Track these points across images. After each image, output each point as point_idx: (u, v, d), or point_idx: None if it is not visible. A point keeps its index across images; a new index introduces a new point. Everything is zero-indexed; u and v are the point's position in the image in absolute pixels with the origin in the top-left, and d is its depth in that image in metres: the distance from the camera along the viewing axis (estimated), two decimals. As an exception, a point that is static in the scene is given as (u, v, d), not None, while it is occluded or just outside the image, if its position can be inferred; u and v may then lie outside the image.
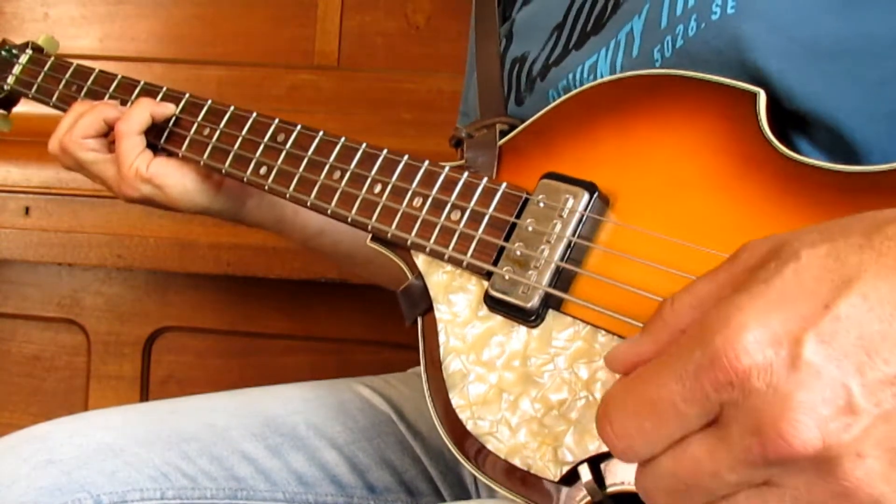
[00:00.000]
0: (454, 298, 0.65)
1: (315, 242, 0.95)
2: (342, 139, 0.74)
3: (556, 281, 0.60)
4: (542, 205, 0.62)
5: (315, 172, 0.74)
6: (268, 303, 1.46)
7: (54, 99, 0.95)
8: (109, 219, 1.30)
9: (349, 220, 0.71)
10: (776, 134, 0.55)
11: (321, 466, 0.85)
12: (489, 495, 0.61)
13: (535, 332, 0.60)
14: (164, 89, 0.88)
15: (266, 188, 0.78)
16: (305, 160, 0.75)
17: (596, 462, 0.55)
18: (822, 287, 0.35)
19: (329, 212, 0.73)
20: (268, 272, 1.29)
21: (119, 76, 0.92)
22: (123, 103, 0.89)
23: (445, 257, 0.65)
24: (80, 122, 0.87)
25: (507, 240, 0.63)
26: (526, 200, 0.63)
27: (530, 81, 0.76)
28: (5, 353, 1.50)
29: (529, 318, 0.60)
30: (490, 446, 0.60)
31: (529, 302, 0.60)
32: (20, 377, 1.50)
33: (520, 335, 0.61)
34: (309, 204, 0.74)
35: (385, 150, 0.71)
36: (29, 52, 1.00)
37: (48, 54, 1.00)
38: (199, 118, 0.85)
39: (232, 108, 0.83)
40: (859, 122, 0.55)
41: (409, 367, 1.00)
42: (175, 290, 1.47)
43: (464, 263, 0.64)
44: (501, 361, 0.61)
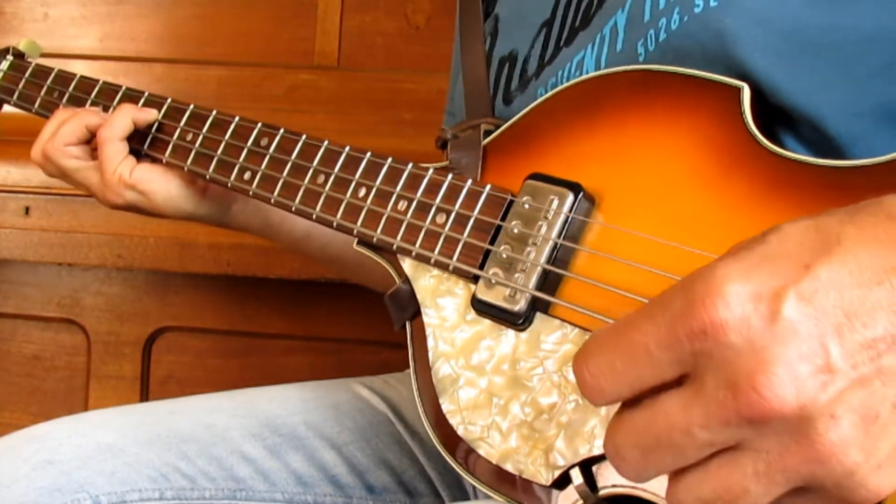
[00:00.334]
0: (442, 302, 0.65)
1: (303, 246, 0.95)
2: (325, 142, 0.74)
3: (543, 283, 0.59)
4: (527, 206, 0.61)
5: (299, 177, 0.74)
6: (268, 303, 1.46)
7: (36, 106, 0.94)
8: (109, 219, 1.30)
9: (334, 224, 0.71)
10: (761, 129, 0.55)
11: (320, 467, 0.85)
12: (487, 497, 0.61)
13: (523, 335, 0.60)
14: (146, 94, 0.88)
15: (250, 193, 0.77)
16: (289, 164, 0.75)
17: (588, 465, 0.54)
18: (804, 249, 0.35)
19: (314, 216, 0.72)
20: (268, 272, 1.29)
21: (101, 81, 0.91)
22: (106, 109, 0.89)
23: (431, 261, 0.65)
24: (62, 130, 0.86)
25: (492, 242, 0.62)
26: (511, 202, 0.63)
27: (524, 81, 0.76)
28: (5, 353, 1.50)
29: (517, 321, 0.60)
30: (481, 451, 0.59)
31: (517, 305, 0.60)
32: (20, 377, 1.50)
33: (508, 339, 0.61)
34: (294, 209, 0.74)
35: (368, 153, 0.71)
36: (10, 58, 0.99)
37: (30, 60, 0.99)
38: (182, 123, 0.84)
39: (214, 112, 0.82)
40: (844, 116, 0.55)
41: (408, 367, 1.00)
42: (175, 290, 1.47)
43: (450, 267, 0.64)
44: (491, 365, 0.61)
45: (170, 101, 0.86)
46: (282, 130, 0.77)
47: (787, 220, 0.38)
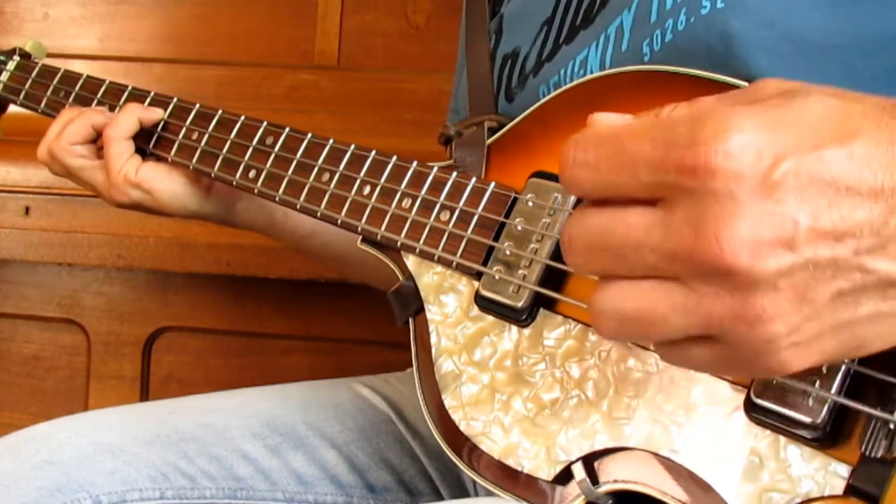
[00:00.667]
0: (445, 299, 0.65)
1: (306, 244, 0.95)
2: (330, 141, 0.74)
3: (546, 280, 0.60)
4: (530, 203, 0.62)
5: (304, 175, 0.74)
6: (268, 303, 1.46)
7: (42, 105, 0.95)
8: (109, 219, 1.30)
9: (339, 222, 0.71)
10: None
11: (320, 466, 0.85)
12: (488, 495, 0.61)
13: (526, 331, 0.60)
14: (151, 94, 0.88)
15: (255, 192, 0.78)
16: (294, 163, 0.75)
17: (589, 461, 0.55)
18: (820, 129, 0.36)
19: (319, 214, 0.73)
20: (268, 272, 1.29)
21: (107, 81, 0.92)
22: (112, 108, 0.89)
23: (435, 258, 0.65)
24: (68, 129, 0.87)
25: (496, 239, 0.63)
26: (515, 200, 0.63)
27: (523, 77, 0.76)
28: (5, 353, 1.50)
29: (520, 317, 0.60)
30: (484, 447, 0.60)
31: (520, 301, 0.60)
32: (20, 377, 1.50)
33: (511, 335, 0.61)
34: (298, 207, 0.74)
35: (374, 151, 0.71)
36: (16, 58, 0.99)
37: (36, 60, 0.99)
38: (188, 122, 0.84)
39: (220, 111, 0.83)
40: None
41: (408, 366, 0.99)
42: (175, 290, 1.47)
43: (453, 264, 0.64)
44: (493, 361, 0.61)
45: (176, 100, 0.87)
46: (287, 129, 0.77)
47: None
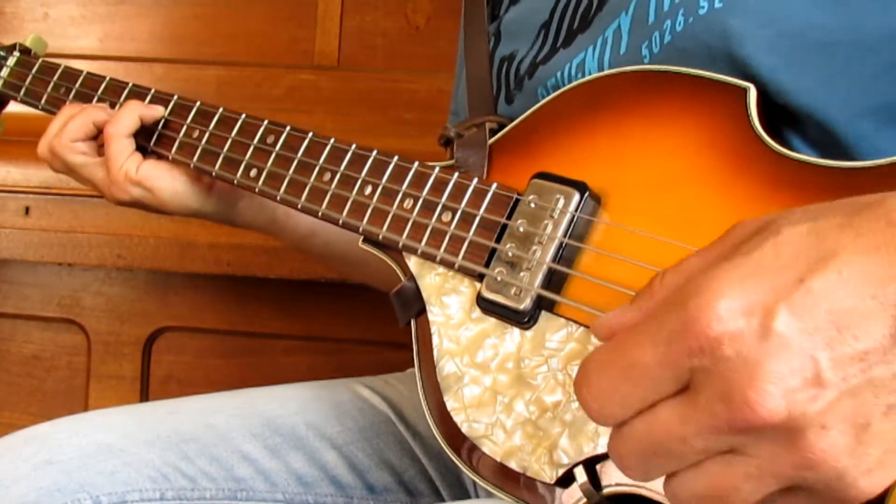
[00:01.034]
0: (447, 300, 0.65)
1: (308, 244, 0.94)
2: (332, 140, 0.74)
3: (549, 282, 0.60)
4: (533, 205, 0.62)
5: (305, 174, 0.74)
6: (268, 303, 1.46)
7: (43, 102, 0.94)
8: (109, 219, 1.30)
9: (340, 222, 0.71)
10: (767, 129, 0.55)
11: (321, 467, 0.85)
12: (488, 495, 0.61)
13: (528, 333, 0.60)
14: (152, 91, 0.88)
15: (256, 190, 0.77)
16: (295, 162, 0.75)
17: (591, 464, 0.55)
18: (799, 262, 0.35)
19: (320, 214, 0.72)
20: (268, 272, 1.29)
21: (107, 78, 0.91)
22: (112, 105, 0.89)
23: (437, 259, 0.65)
24: (69, 126, 0.86)
25: (498, 241, 0.62)
26: (517, 201, 0.63)
27: (518, 80, 0.76)
28: (5, 353, 1.50)
29: (522, 319, 0.60)
30: (485, 449, 0.60)
31: (522, 304, 0.60)
32: (20, 377, 1.50)
33: (513, 337, 0.61)
34: (300, 206, 0.74)
35: (375, 151, 0.71)
36: (17, 54, 0.98)
37: (36, 55, 0.99)
38: (189, 120, 0.84)
39: (221, 109, 0.82)
40: (849, 117, 0.55)
41: (408, 367, 1.00)
42: (175, 290, 1.47)
43: (455, 265, 0.64)
44: (495, 363, 0.61)
45: (176, 97, 0.86)
46: (288, 128, 0.77)
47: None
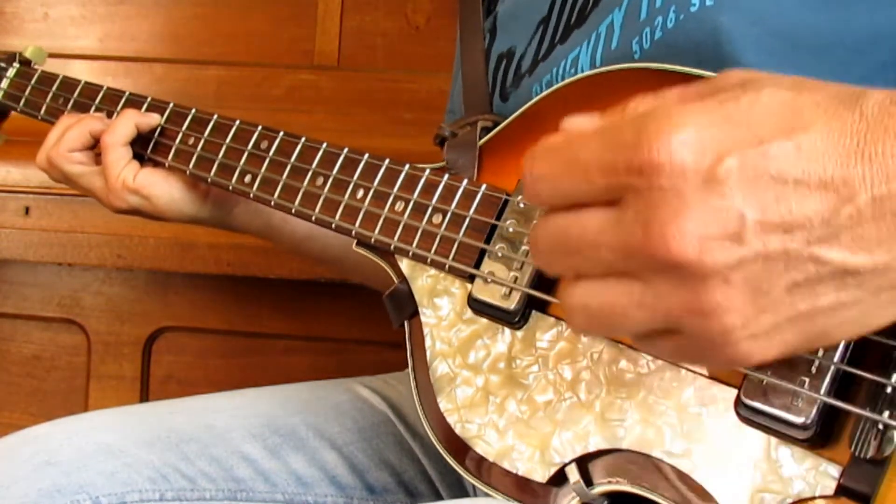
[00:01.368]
0: (439, 302, 0.65)
1: (304, 247, 0.95)
2: (324, 144, 0.74)
3: (538, 282, 0.60)
4: (522, 205, 0.62)
5: (298, 179, 0.74)
6: (268, 303, 1.46)
7: (42, 112, 0.95)
8: (109, 219, 1.30)
9: (333, 226, 0.72)
10: None
11: (320, 467, 0.85)
12: (487, 496, 0.61)
13: (519, 333, 0.61)
14: (148, 99, 0.89)
15: (251, 196, 0.78)
16: (288, 167, 0.75)
17: (583, 462, 0.55)
18: (766, 124, 0.36)
19: (313, 218, 0.73)
20: (268, 272, 1.29)
21: (105, 87, 0.92)
22: (109, 114, 0.90)
23: (428, 261, 0.65)
24: (67, 136, 0.87)
25: (488, 242, 0.63)
26: (506, 202, 0.63)
27: (518, 77, 0.76)
28: (5, 353, 1.50)
29: (512, 319, 0.60)
30: (479, 449, 0.60)
31: (512, 304, 0.60)
32: (20, 377, 1.50)
33: (504, 337, 0.61)
34: (293, 211, 0.74)
35: (366, 155, 0.71)
36: (16, 65, 0.99)
37: (35, 66, 1.00)
38: (184, 127, 0.85)
39: (216, 116, 0.83)
40: None
41: (407, 367, 1.00)
42: (175, 290, 1.47)
43: (446, 267, 0.64)
44: (487, 364, 0.61)
45: (172, 105, 0.87)
46: (281, 133, 0.77)
47: None
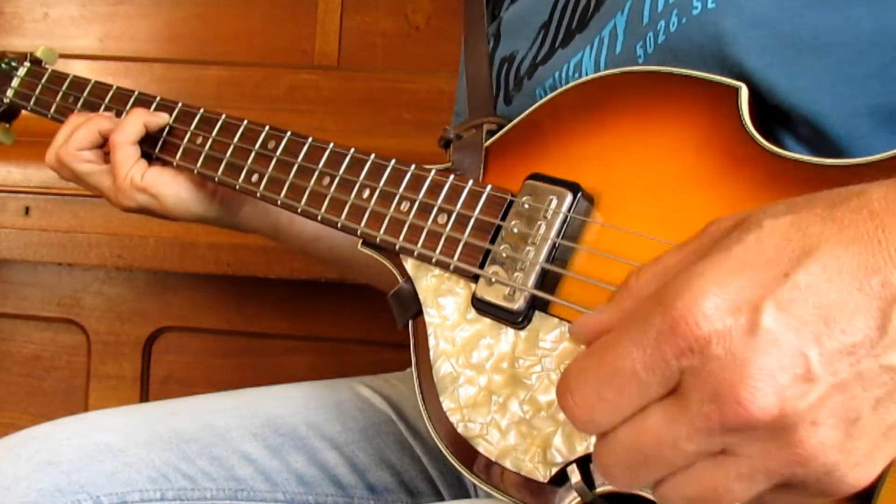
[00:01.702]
0: (443, 302, 0.65)
1: (312, 248, 0.95)
2: (331, 145, 0.74)
3: (542, 282, 0.60)
4: (526, 206, 0.62)
5: (305, 179, 0.75)
6: (268, 303, 1.46)
7: (52, 111, 0.96)
8: (109, 219, 1.30)
9: (339, 225, 0.72)
10: (759, 129, 0.55)
11: (321, 467, 0.85)
12: (488, 495, 0.61)
13: (522, 333, 0.61)
14: (157, 99, 0.89)
15: (258, 195, 0.78)
16: (295, 167, 0.75)
17: (585, 462, 0.55)
18: (783, 255, 0.35)
19: (319, 218, 0.73)
20: (268, 272, 1.29)
21: (114, 87, 0.93)
22: (118, 114, 0.90)
23: (433, 261, 0.66)
24: (76, 135, 0.87)
25: (492, 242, 0.63)
26: (511, 202, 0.63)
27: (518, 80, 0.76)
28: (5, 353, 1.50)
29: (516, 319, 0.60)
30: (481, 449, 0.60)
31: (515, 304, 0.60)
32: (20, 377, 1.50)
33: (508, 337, 0.61)
34: (300, 210, 0.74)
35: (372, 155, 0.72)
36: (27, 64, 1.01)
37: (46, 66, 1.01)
38: (192, 127, 0.85)
39: (224, 116, 0.83)
40: (842, 116, 0.55)
41: (408, 366, 0.99)
42: (175, 290, 1.47)
43: (451, 267, 0.64)
44: (490, 364, 0.61)
45: (181, 105, 0.87)
46: (289, 133, 0.78)
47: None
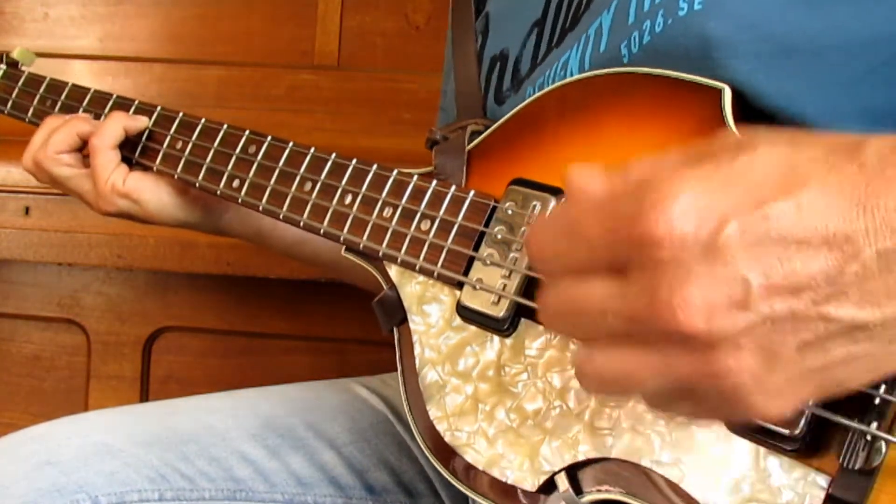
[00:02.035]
0: (428, 309, 0.65)
1: (296, 252, 0.94)
2: (312, 149, 0.74)
3: (527, 289, 0.59)
4: (510, 212, 0.61)
5: (286, 184, 0.74)
6: (268, 303, 1.46)
7: (30, 115, 0.94)
8: (109, 219, 1.29)
9: (321, 231, 0.71)
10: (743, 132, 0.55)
11: (320, 467, 0.85)
12: (485, 497, 0.61)
13: (508, 341, 0.60)
14: (136, 102, 0.88)
15: (239, 201, 0.77)
16: (276, 172, 0.75)
17: (573, 471, 0.55)
18: (766, 184, 0.36)
19: (301, 224, 0.72)
20: (268, 272, 1.29)
21: (92, 90, 0.91)
22: (97, 117, 0.88)
23: (416, 268, 0.65)
24: (54, 138, 0.86)
25: (476, 249, 0.62)
26: (494, 208, 0.63)
27: (518, 81, 0.75)
28: (5, 353, 1.50)
29: (501, 327, 0.60)
30: (468, 457, 0.60)
31: (500, 311, 0.60)
32: (20, 377, 1.50)
33: (493, 345, 0.61)
34: (281, 216, 0.74)
35: (354, 160, 0.71)
36: (2, 67, 0.98)
37: (23, 68, 0.98)
38: (172, 131, 0.84)
39: (203, 120, 0.82)
40: (829, 121, 0.55)
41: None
42: (175, 290, 1.47)
43: (434, 274, 0.64)
44: (476, 372, 0.61)
45: (160, 108, 0.86)
46: (269, 138, 0.77)
47: None
